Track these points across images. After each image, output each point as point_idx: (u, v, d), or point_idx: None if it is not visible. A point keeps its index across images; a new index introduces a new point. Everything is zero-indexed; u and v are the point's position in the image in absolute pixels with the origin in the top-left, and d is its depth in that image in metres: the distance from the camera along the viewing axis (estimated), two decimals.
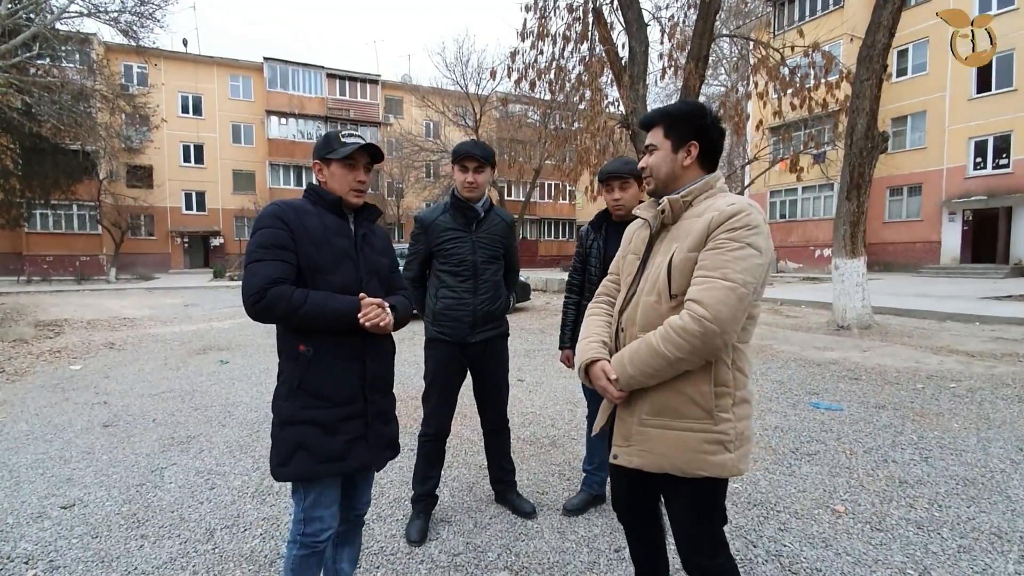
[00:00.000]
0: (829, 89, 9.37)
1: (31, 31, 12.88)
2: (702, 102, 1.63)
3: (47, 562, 2.28)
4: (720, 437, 1.39)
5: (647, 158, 1.54)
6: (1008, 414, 4.11)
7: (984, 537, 2.38)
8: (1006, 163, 18.84)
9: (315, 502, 1.65)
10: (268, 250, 1.56)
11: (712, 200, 1.45)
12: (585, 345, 1.58)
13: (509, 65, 9.72)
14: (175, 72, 28.38)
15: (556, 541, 2.43)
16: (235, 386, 5.33)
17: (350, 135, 1.69)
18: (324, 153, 1.68)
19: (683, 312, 1.34)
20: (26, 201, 19.90)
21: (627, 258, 1.62)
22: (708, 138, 1.49)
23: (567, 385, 5.25)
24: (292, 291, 1.54)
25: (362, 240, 1.74)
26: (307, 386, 1.61)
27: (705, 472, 1.39)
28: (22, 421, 4.24)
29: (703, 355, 1.34)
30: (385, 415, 1.75)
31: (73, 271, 24.99)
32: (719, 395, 1.39)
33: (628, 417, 1.48)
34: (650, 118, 1.55)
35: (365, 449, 1.67)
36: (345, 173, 1.68)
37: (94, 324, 10.01)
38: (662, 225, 1.51)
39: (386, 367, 1.77)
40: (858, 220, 8.01)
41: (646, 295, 1.47)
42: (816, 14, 22.63)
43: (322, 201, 1.69)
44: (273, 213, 1.61)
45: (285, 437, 1.63)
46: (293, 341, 1.63)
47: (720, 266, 1.32)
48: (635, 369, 1.40)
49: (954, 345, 6.83)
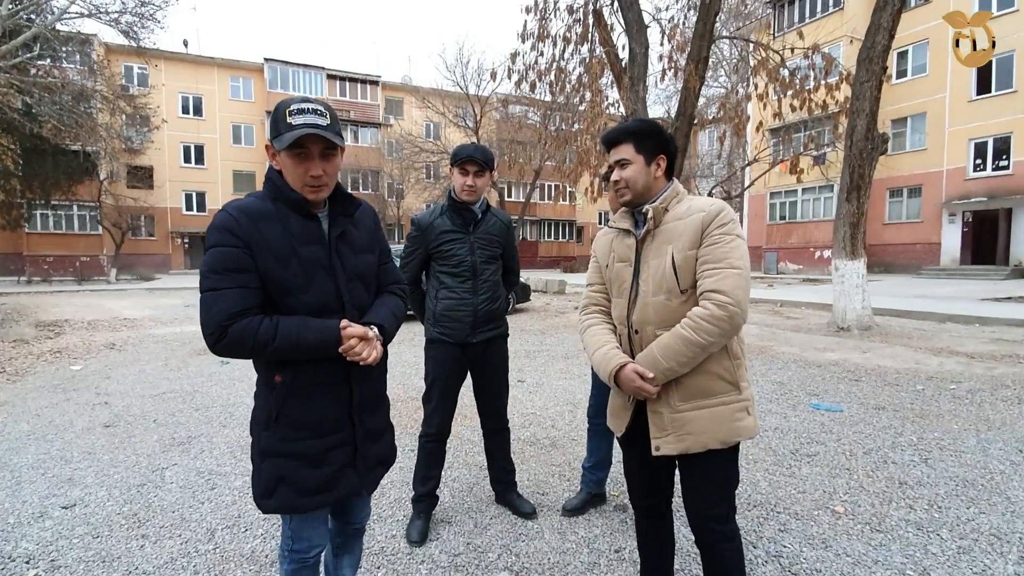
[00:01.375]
0: (829, 91, 9.39)
1: (32, 32, 12.89)
2: (654, 120, 1.78)
3: (48, 562, 2.28)
4: (745, 404, 1.59)
5: (620, 172, 1.66)
6: (1008, 415, 4.11)
7: (983, 538, 2.39)
8: (1006, 164, 18.85)
9: (301, 524, 1.52)
10: (223, 275, 1.29)
11: (683, 203, 1.63)
12: (606, 353, 1.65)
13: (509, 66, 9.74)
14: (175, 73, 28.42)
15: (556, 541, 2.43)
16: (236, 387, 5.33)
17: (302, 111, 1.30)
18: (271, 137, 1.34)
19: (706, 302, 1.49)
20: (27, 201, 19.92)
21: (615, 266, 1.72)
22: (670, 151, 1.67)
23: (567, 386, 5.25)
24: (258, 324, 1.29)
25: (338, 242, 1.44)
26: (286, 417, 1.40)
27: (740, 437, 1.57)
28: (23, 421, 4.24)
29: (730, 334, 1.51)
30: (376, 432, 1.56)
31: (74, 271, 25.00)
32: (737, 367, 1.59)
33: (661, 408, 1.59)
34: (615, 137, 1.67)
35: (354, 476, 1.49)
36: (294, 165, 1.33)
37: (95, 325, 10.01)
38: (646, 232, 1.64)
39: (377, 383, 1.56)
40: (858, 221, 8.01)
41: (652, 296, 1.60)
42: (816, 16, 22.66)
43: (283, 199, 1.37)
44: (224, 226, 1.30)
45: (265, 469, 1.42)
46: (268, 369, 1.41)
47: (723, 257, 1.50)
48: (672, 361, 1.52)
49: (954, 346, 6.83)
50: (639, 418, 1.66)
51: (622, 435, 1.71)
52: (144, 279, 24.15)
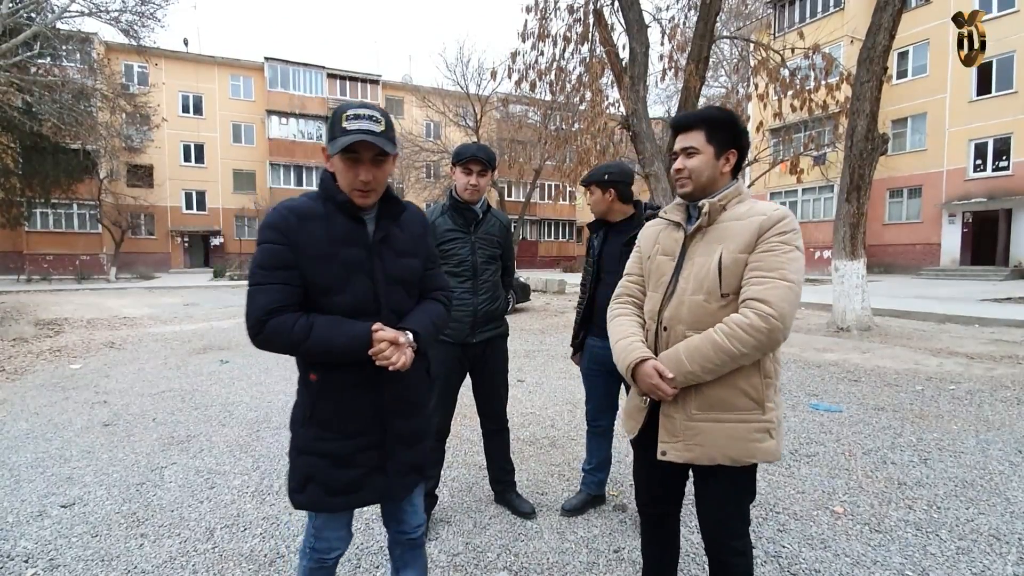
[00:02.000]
0: (829, 91, 9.38)
1: (32, 30, 12.89)
2: (732, 110, 1.64)
3: (47, 561, 2.28)
4: (767, 425, 1.49)
5: (686, 160, 1.55)
6: (1007, 416, 4.12)
7: (983, 539, 2.39)
8: (1006, 165, 18.85)
9: (324, 524, 1.54)
10: (268, 272, 1.35)
11: (743, 204, 1.54)
12: (628, 345, 1.59)
13: (510, 66, 9.73)
14: (176, 71, 28.39)
15: (555, 542, 2.43)
16: (235, 385, 5.33)
17: (357, 117, 1.33)
18: (327, 140, 1.39)
19: (746, 310, 1.41)
20: (26, 200, 19.92)
21: (657, 259, 1.64)
22: (742, 147, 1.57)
23: (567, 386, 5.25)
24: (293, 322, 1.33)
25: (380, 245, 1.44)
26: (318, 416, 1.44)
27: (755, 459, 1.48)
28: (22, 420, 4.24)
29: (767, 350, 1.42)
30: (410, 438, 1.54)
31: (73, 270, 24.99)
32: (766, 386, 1.49)
33: (675, 414, 1.52)
34: (689, 121, 1.56)
35: (382, 481, 1.48)
36: (345, 169, 1.37)
37: (94, 323, 10.01)
38: (697, 227, 1.55)
39: (410, 387, 1.53)
40: (858, 222, 8.01)
41: (691, 294, 1.51)
42: (816, 16, 22.65)
43: (332, 201, 1.40)
44: (273, 225, 1.36)
45: (298, 465, 1.48)
46: (305, 368, 1.47)
47: (777, 267, 1.41)
48: (696, 366, 1.44)
49: (953, 347, 6.83)
50: (653, 421, 1.59)
51: (635, 437, 1.66)
52: (144, 278, 24.15)
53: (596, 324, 2.56)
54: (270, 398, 4.87)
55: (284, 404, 4.67)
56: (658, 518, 1.75)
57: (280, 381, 5.51)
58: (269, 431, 3.96)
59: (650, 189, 8.74)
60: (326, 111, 31.02)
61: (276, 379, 5.60)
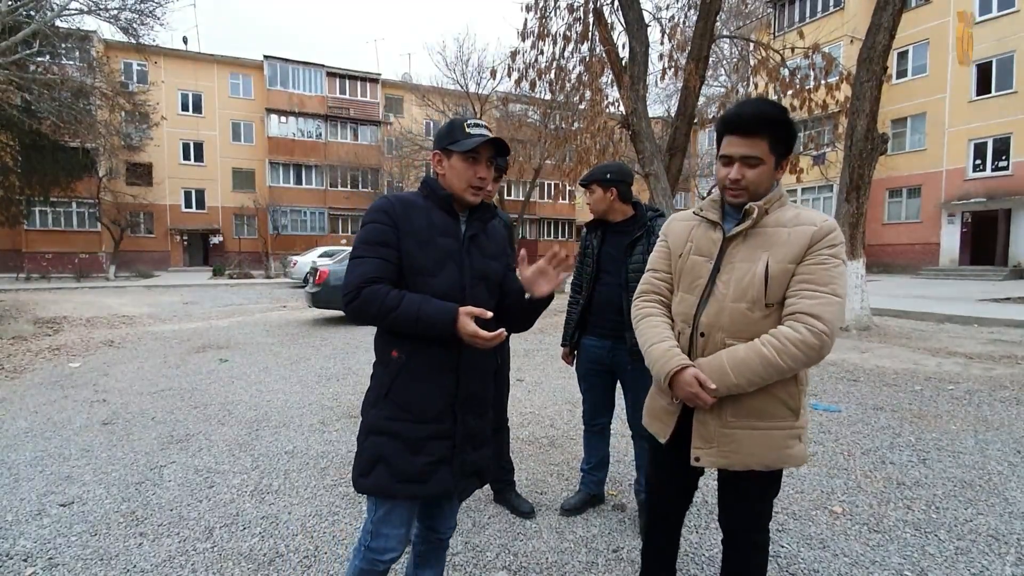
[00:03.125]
0: (829, 90, 9.37)
1: (31, 28, 12.84)
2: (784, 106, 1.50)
3: (46, 560, 2.28)
4: (799, 431, 1.49)
5: (745, 170, 1.44)
6: (1006, 416, 4.12)
7: (981, 539, 2.39)
8: (1005, 165, 18.86)
9: (384, 519, 1.53)
10: (370, 246, 1.48)
11: (788, 210, 1.49)
12: (667, 351, 1.52)
13: (509, 65, 9.71)
14: (175, 70, 28.33)
15: (554, 541, 2.43)
16: (234, 384, 5.33)
17: (476, 125, 1.54)
18: (446, 143, 1.54)
19: (798, 325, 1.36)
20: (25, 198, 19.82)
21: (690, 258, 1.57)
22: (793, 151, 1.51)
23: (566, 385, 5.25)
24: (387, 292, 1.43)
25: (470, 242, 1.58)
26: (395, 395, 1.50)
27: (787, 465, 1.50)
28: (21, 418, 4.24)
29: (813, 364, 1.40)
30: (476, 439, 1.59)
31: (72, 268, 24.94)
32: (801, 393, 1.49)
33: (710, 420, 1.50)
34: (750, 122, 1.42)
35: (448, 474, 1.51)
36: (466, 168, 1.54)
37: (93, 322, 10.00)
38: (739, 231, 1.49)
39: (483, 385, 1.61)
40: (857, 221, 8.02)
41: (732, 301, 1.46)
42: (816, 15, 22.64)
43: (433, 196, 1.57)
44: (381, 207, 1.52)
45: (367, 447, 1.52)
46: (387, 345, 1.53)
47: (829, 282, 1.38)
48: (743, 379, 1.40)
49: (952, 347, 6.84)
50: (682, 424, 1.56)
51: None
52: (143, 276, 24.11)
53: (593, 324, 2.56)
54: (269, 397, 4.87)
55: (283, 403, 4.67)
56: (668, 516, 1.76)
57: (279, 380, 5.50)
58: (268, 430, 3.96)
59: (650, 189, 8.73)
60: (326, 110, 30.99)
61: (275, 378, 5.60)
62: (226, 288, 18.99)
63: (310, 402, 4.69)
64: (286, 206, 30.03)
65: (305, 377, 5.63)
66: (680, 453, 1.56)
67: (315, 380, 5.49)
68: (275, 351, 7.05)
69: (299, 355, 6.66)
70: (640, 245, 2.39)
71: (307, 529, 2.53)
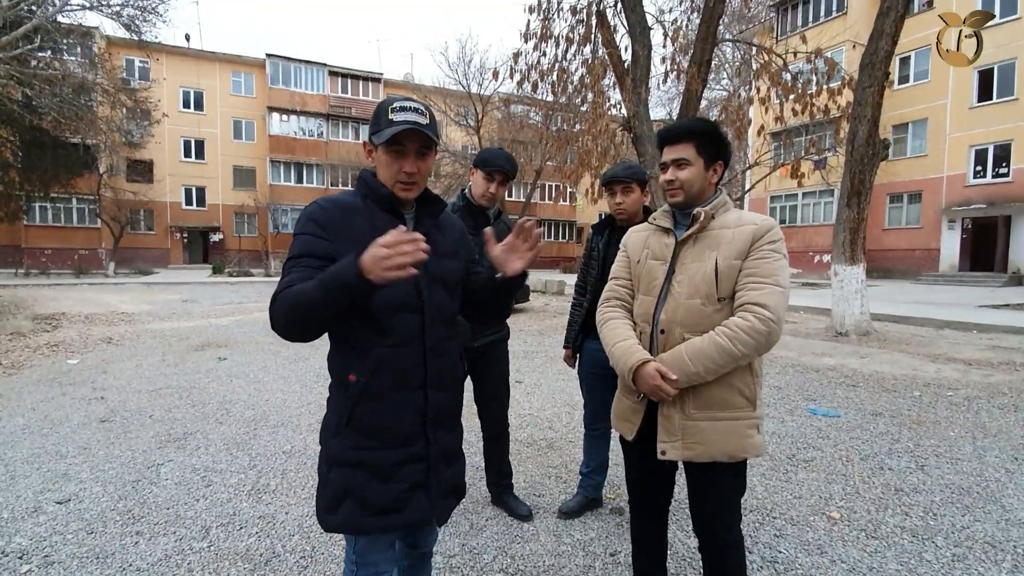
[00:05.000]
0: (831, 95, 9.39)
1: (33, 23, 12.85)
2: (716, 122, 1.74)
3: (42, 557, 2.28)
4: (756, 421, 1.59)
5: (677, 172, 1.64)
6: (1004, 423, 4.12)
7: (978, 546, 2.39)
8: (1006, 172, 18.90)
9: (367, 548, 1.40)
10: (296, 259, 1.31)
11: (731, 213, 1.63)
12: (627, 348, 1.63)
13: (512, 66, 9.73)
14: (177, 67, 28.36)
15: (552, 544, 2.43)
16: (233, 383, 5.32)
17: (403, 108, 1.31)
18: (372, 132, 1.36)
19: (746, 314, 1.49)
20: (25, 194, 19.85)
21: (647, 263, 1.70)
22: (727, 159, 1.67)
23: (565, 387, 5.25)
24: (294, 286, 1.25)
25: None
26: (357, 422, 1.33)
27: (748, 454, 1.57)
28: (18, 415, 4.23)
29: (764, 350, 1.51)
30: (449, 455, 1.47)
31: (72, 265, 24.92)
32: (757, 384, 1.59)
33: (674, 414, 1.58)
34: (678, 133, 1.65)
35: (425, 500, 1.38)
36: (390, 162, 1.34)
37: (92, 318, 9.99)
38: (689, 234, 1.63)
39: (453, 398, 1.48)
40: (858, 226, 8.02)
41: (687, 298, 1.58)
42: (819, 20, 22.67)
43: (373, 195, 1.38)
44: (310, 216, 1.33)
45: (332, 480, 1.36)
46: (343, 368, 1.36)
47: (772, 274, 1.51)
48: (700, 367, 1.50)
49: (951, 353, 6.84)
50: (647, 421, 1.65)
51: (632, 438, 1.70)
52: (142, 273, 24.10)
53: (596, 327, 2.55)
54: (267, 396, 4.86)
55: (281, 402, 4.66)
56: (650, 512, 1.81)
57: (278, 380, 5.50)
58: (266, 429, 3.95)
59: (651, 191, 8.75)
60: (327, 109, 30.98)
61: (274, 377, 5.59)
62: (226, 286, 18.98)
63: (308, 402, 4.68)
64: (287, 204, 30.03)
65: (304, 376, 5.62)
66: (649, 449, 1.63)
67: (314, 380, 5.48)
68: (274, 350, 7.05)
69: (298, 354, 6.66)
70: None
71: (304, 529, 2.53)
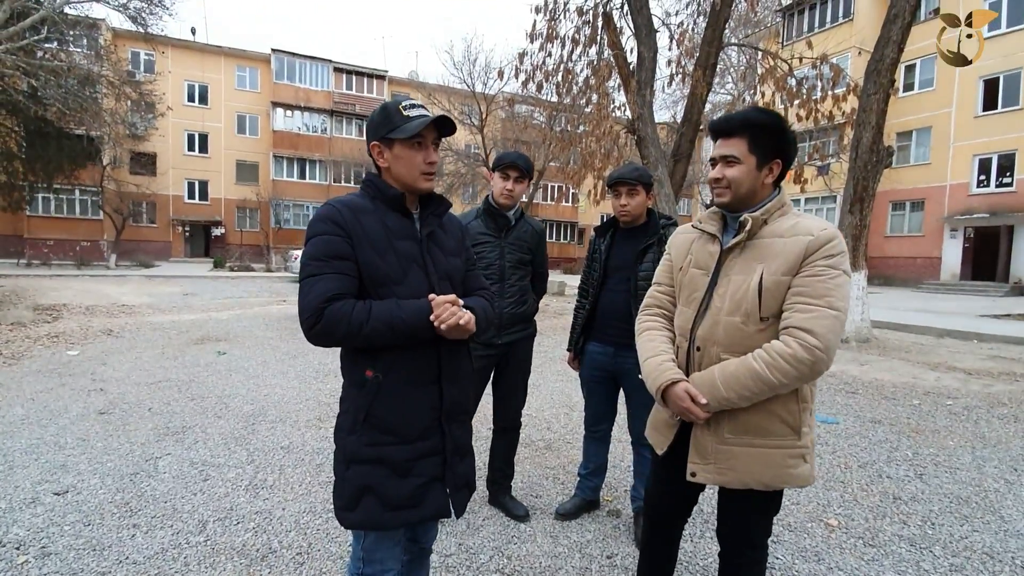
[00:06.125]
0: (835, 102, 9.37)
1: (39, 14, 12.85)
2: (778, 113, 1.52)
3: (39, 548, 2.28)
4: (802, 451, 1.43)
5: (725, 169, 1.46)
6: (1003, 433, 4.11)
7: (976, 556, 2.39)
8: (1009, 181, 18.86)
9: (376, 543, 1.42)
10: (324, 262, 1.32)
11: (787, 219, 1.44)
12: (660, 364, 1.51)
13: (517, 66, 9.71)
14: (182, 61, 28.37)
15: (548, 545, 2.43)
16: (232, 377, 5.32)
17: (413, 106, 1.41)
18: (385, 132, 1.40)
19: (790, 340, 1.33)
20: (28, 184, 19.84)
21: (689, 271, 1.56)
22: (788, 157, 1.46)
23: (564, 388, 5.25)
24: (352, 306, 1.30)
25: (429, 241, 1.47)
26: (375, 418, 1.36)
27: (788, 485, 1.44)
28: (17, 405, 4.23)
29: (807, 381, 1.36)
30: (462, 448, 1.50)
31: (73, 256, 24.95)
32: (803, 411, 1.43)
33: (707, 436, 1.47)
34: (730, 125, 1.45)
35: (441, 493, 1.42)
36: (413, 155, 1.40)
37: (93, 310, 10.00)
38: (736, 243, 1.46)
39: (464, 392, 1.52)
40: (860, 233, 8.01)
41: (727, 315, 1.44)
42: (825, 26, 22.66)
43: (382, 197, 1.43)
44: (328, 216, 1.36)
45: (350, 478, 1.37)
46: (358, 365, 1.38)
47: (824, 294, 1.33)
48: (732, 393, 1.38)
49: (951, 362, 6.83)
50: (681, 439, 1.54)
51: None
52: (144, 266, 24.11)
53: (597, 330, 2.55)
54: (266, 391, 4.86)
55: (280, 398, 4.66)
56: (665, 528, 1.74)
57: (277, 375, 5.50)
58: (265, 424, 3.95)
59: (655, 195, 8.74)
60: (332, 105, 30.97)
61: (273, 372, 5.59)
62: (226, 280, 18.98)
63: (307, 398, 4.68)
64: (289, 200, 30.04)
65: (303, 372, 5.62)
66: (679, 467, 1.53)
67: (313, 375, 5.48)
68: (274, 345, 7.05)
69: (297, 350, 6.66)
70: (651, 253, 2.37)
71: (301, 525, 2.53)
